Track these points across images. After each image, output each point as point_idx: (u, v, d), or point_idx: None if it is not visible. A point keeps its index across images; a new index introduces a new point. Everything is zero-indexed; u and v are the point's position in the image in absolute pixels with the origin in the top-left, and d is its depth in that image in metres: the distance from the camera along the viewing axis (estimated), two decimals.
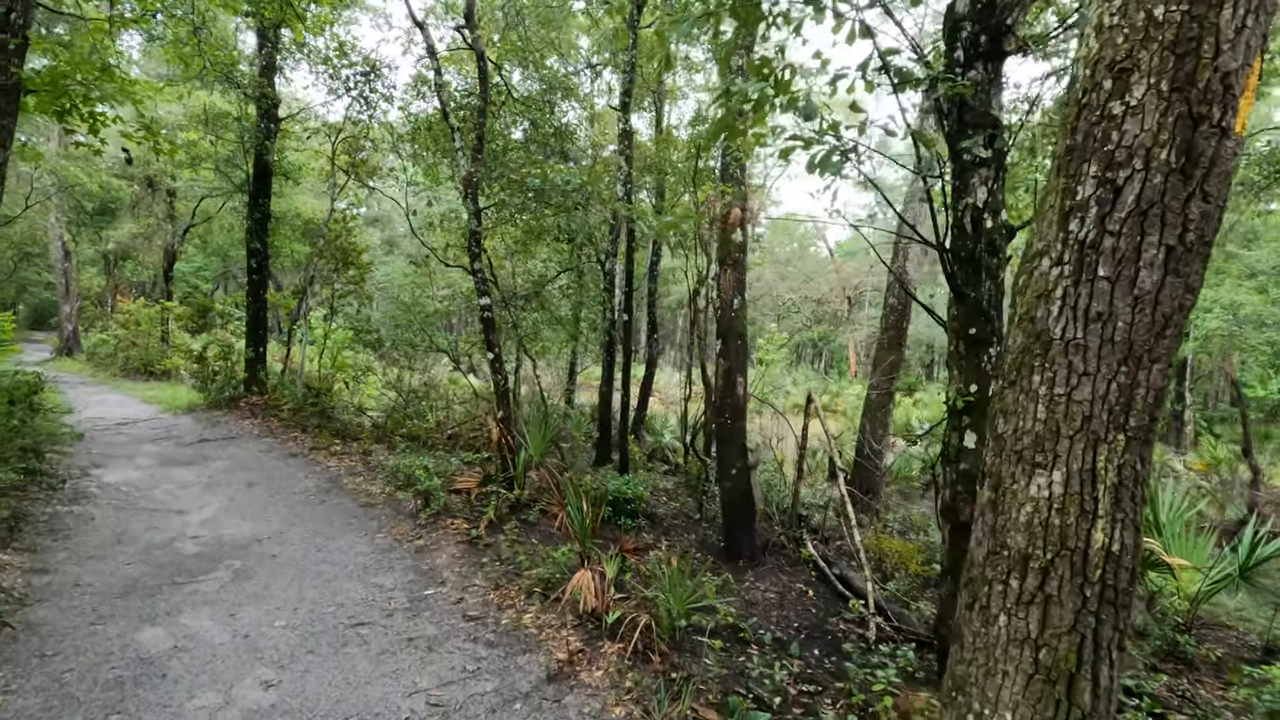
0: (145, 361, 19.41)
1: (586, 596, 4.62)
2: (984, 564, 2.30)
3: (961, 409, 3.79)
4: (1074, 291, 2.11)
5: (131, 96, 9.35)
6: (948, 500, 3.90)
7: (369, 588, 5.20)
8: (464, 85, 11.24)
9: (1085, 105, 2.12)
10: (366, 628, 4.52)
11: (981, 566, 2.31)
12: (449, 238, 12.74)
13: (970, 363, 3.81)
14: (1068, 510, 2.09)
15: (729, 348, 7.75)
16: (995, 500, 2.29)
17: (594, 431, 13.80)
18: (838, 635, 5.38)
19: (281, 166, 15.61)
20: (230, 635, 4.27)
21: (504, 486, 7.73)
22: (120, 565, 5.27)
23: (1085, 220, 2.09)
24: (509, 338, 11.21)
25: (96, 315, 29.09)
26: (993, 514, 2.29)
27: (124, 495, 7.03)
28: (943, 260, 3.82)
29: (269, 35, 13.02)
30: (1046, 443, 2.15)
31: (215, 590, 4.96)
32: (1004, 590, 2.22)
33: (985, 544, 2.31)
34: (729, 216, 3.82)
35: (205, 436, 10.33)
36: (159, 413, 12.53)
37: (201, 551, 5.71)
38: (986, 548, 2.30)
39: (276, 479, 8.16)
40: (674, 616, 4.48)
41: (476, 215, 8.34)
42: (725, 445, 7.73)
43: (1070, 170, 2.15)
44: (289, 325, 15.19)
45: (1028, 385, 2.22)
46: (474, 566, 5.74)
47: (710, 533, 8.28)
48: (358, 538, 6.31)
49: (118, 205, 23.79)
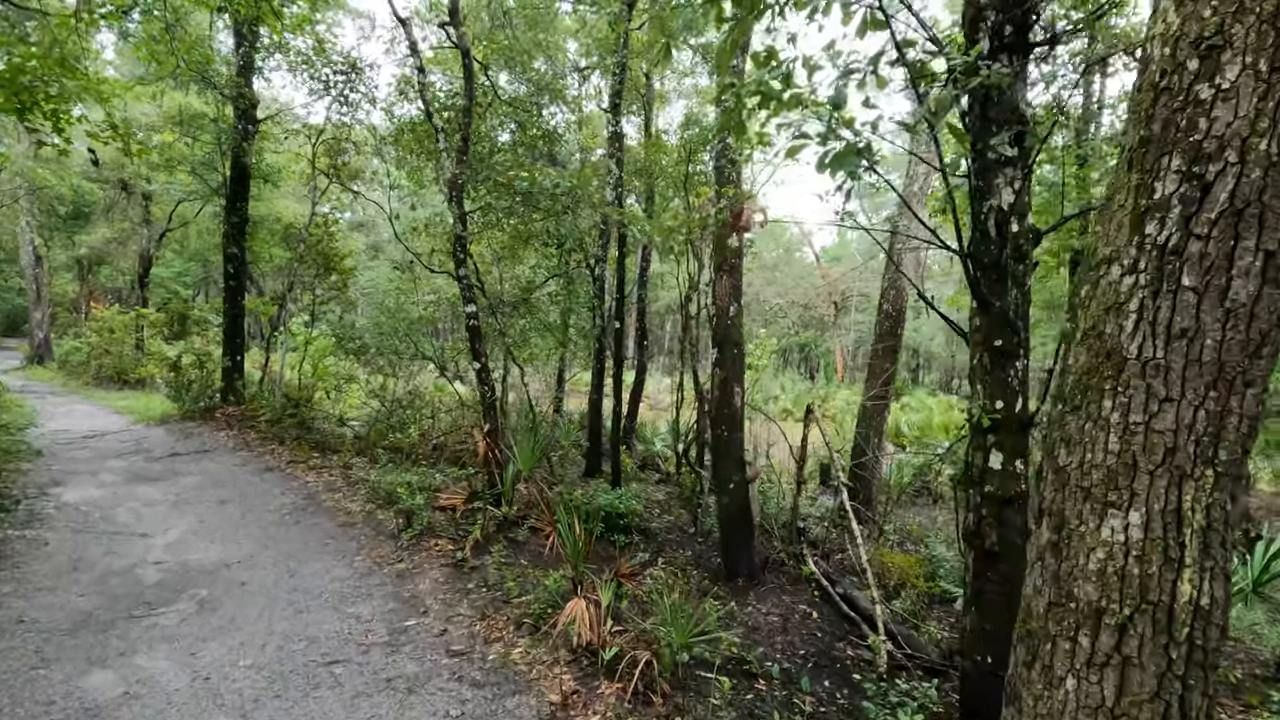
0: (119, 370, 18.85)
1: (581, 628, 4.29)
2: (1046, 616, 2.00)
3: (987, 427, 3.51)
4: (1152, 304, 1.82)
5: (97, 94, 8.94)
6: (971, 525, 3.61)
7: (345, 619, 4.83)
8: (449, 86, 10.90)
9: (1164, 89, 1.83)
10: (341, 666, 4.16)
11: (1043, 619, 2.01)
12: (434, 242, 12.37)
13: (995, 377, 3.53)
14: (1149, 557, 1.80)
15: (725, 356, 7.46)
16: (1058, 543, 1.99)
17: (583, 440, 13.48)
18: (847, 664, 5.07)
19: (260, 169, 15.17)
20: (189, 678, 3.89)
21: (491, 503, 7.37)
22: (73, 597, 4.87)
23: (1166, 222, 1.80)
24: (496, 345, 10.85)
25: (70, 322, 28.36)
26: (1055, 559, 2.00)
27: (83, 517, 6.61)
28: (966, 267, 3.54)
29: (246, 34, 12.60)
30: (1121, 478, 1.85)
31: (176, 624, 4.58)
32: (1072, 649, 1.92)
33: (1046, 593, 2.01)
34: (740, 219, 3.55)
35: (177, 450, 9.88)
36: (130, 424, 12.05)
37: (164, 579, 5.31)
38: (1048, 597, 2.00)
39: (250, 496, 7.75)
40: (675, 650, 4.16)
41: (461, 219, 7.99)
42: (722, 458, 7.42)
43: (1146, 164, 1.86)
44: (269, 332, 14.73)
45: (1096, 412, 1.93)
46: (459, 593, 5.38)
47: (706, 548, 7.97)
48: (335, 561, 5.93)
49: (91, 209, 23.17)
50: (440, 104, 9.68)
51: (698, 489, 9.67)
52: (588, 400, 12.19)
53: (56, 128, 8.59)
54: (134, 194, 21.53)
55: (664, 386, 28.83)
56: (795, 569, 7.18)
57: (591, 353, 11.60)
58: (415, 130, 10.43)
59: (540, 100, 11.68)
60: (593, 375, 11.60)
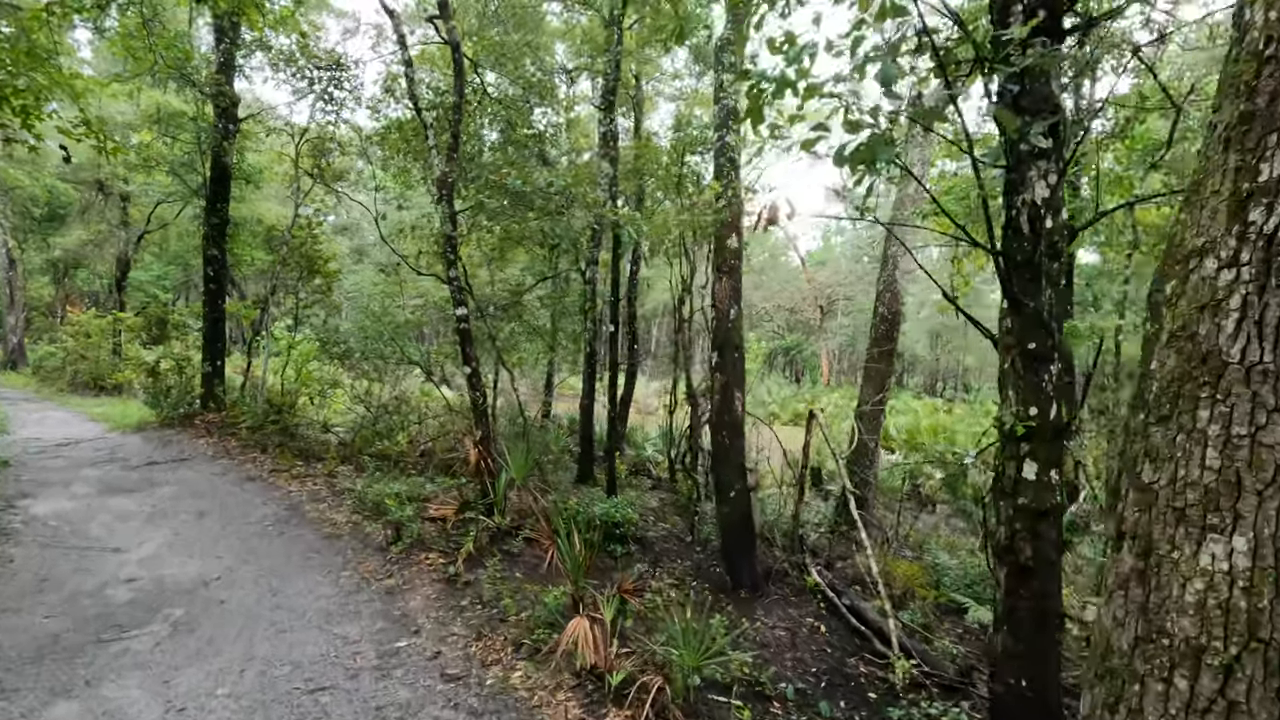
0: (95, 375, 18.32)
1: (584, 650, 4.03)
2: (1132, 653, 1.78)
3: (1021, 436, 3.30)
4: (1258, 301, 1.61)
5: (70, 89, 8.58)
6: (1004, 540, 3.40)
7: (331, 640, 4.54)
8: (438, 83, 10.62)
9: (1270, 58, 1.62)
10: (327, 694, 3.87)
11: (1128, 656, 1.79)
12: (421, 244, 12.08)
13: (1028, 382, 3.32)
14: (1257, 589, 1.58)
15: (725, 360, 7.24)
16: (1145, 571, 1.77)
17: (572, 446, 13.20)
18: (861, 682, 4.85)
19: (241, 169, 14.79)
20: (161, 710, 3.59)
21: (483, 513, 7.09)
22: (38, 620, 4.54)
23: (1274, 208, 1.59)
24: (486, 350, 10.57)
25: (46, 326, 27.65)
26: (1142, 588, 1.78)
27: (52, 531, 6.25)
28: (998, 265, 3.34)
29: (226, 30, 12.25)
30: (1223, 499, 1.64)
31: (149, 649, 4.27)
32: (1166, 692, 1.69)
33: (1131, 627, 1.79)
34: (767, 215, 3.33)
35: (154, 458, 9.50)
36: (105, 431, 11.62)
37: (137, 598, 4.99)
38: (1134, 632, 1.78)
39: (230, 507, 7.42)
40: (687, 673, 3.91)
41: (452, 219, 7.73)
42: (723, 464, 7.20)
43: (1248, 144, 1.65)
44: (251, 337, 14.33)
45: (1190, 423, 1.71)
46: (453, 611, 5.10)
47: (704, 557, 7.74)
48: (320, 577, 5.63)
49: (67, 211, 22.58)
50: (429, 101, 9.40)
51: (694, 496, 9.44)
52: (579, 405, 11.93)
53: (26, 124, 8.23)
54: (111, 195, 21.00)
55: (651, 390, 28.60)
56: (799, 579, 6.97)
57: (583, 357, 11.35)
58: (403, 129, 10.15)
59: (530, 99, 11.42)
60: (584, 380, 11.36)
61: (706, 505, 9.34)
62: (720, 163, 7.56)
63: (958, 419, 26.60)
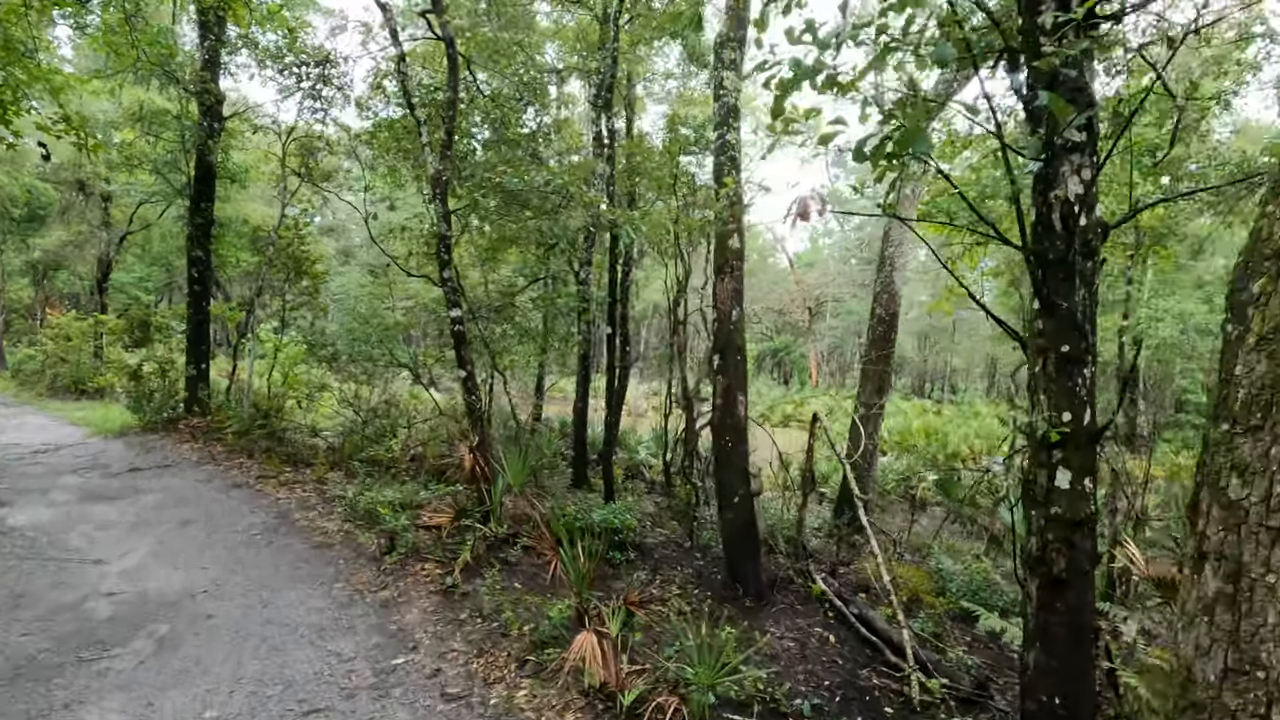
0: (76, 379, 17.92)
1: (593, 667, 3.85)
2: (1220, 685, 1.63)
3: (1054, 442, 3.16)
4: None
5: (48, 85, 8.32)
6: (1036, 551, 3.26)
7: (324, 657, 4.33)
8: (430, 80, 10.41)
9: None
10: (322, 715, 3.67)
11: (1215, 689, 1.64)
12: (411, 245, 11.85)
13: (1062, 386, 3.19)
14: None
15: (728, 362, 7.09)
16: (1235, 596, 1.62)
17: (565, 450, 13.02)
18: (875, 695, 4.70)
19: (226, 169, 14.48)
20: None
21: (480, 520, 6.89)
22: (14, 637, 4.30)
23: None
24: (478, 353, 10.36)
25: (25, 329, 27.11)
26: (1231, 615, 1.63)
27: (29, 542, 5.99)
28: (1029, 265, 3.20)
29: (211, 26, 11.97)
30: None
31: (131, 668, 4.04)
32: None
33: (1219, 656, 1.64)
34: (800, 210, 3.21)
35: (137, 465, 9.21)
36: (86, 437, 11.30)
37: (119, 614, 4.76)
38: (1222, 662, 1.63)
39: (216, 515, 7.17)
40: (702, 692, 3.73)
41: (445, 218, 7.52)
42: (725, 470, 7.04)
43: None
44: (236, 339, 14.03)
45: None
46: (451, 624, 4.91)
47: (705, 564, 7.57)
48: (311, 589, 5.41)
49: (47, 211, 22.12)
50: (421, 98, 9.19)
51: (692, 501, 9.27)
52: (573, 409, 11.75)
53: (4, 120, 7.97)
54: (92, 195, 20.58)
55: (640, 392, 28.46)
56: (803, 586, 6.81)
57: (577, 359, 11.17)
58: (393, 127, 9.93)
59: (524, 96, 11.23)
60: (578, 383, 11.18)
61: (705, 510, 9.19)
62: (720, 161, 7.41)
63: (947, 420, 26.68)
